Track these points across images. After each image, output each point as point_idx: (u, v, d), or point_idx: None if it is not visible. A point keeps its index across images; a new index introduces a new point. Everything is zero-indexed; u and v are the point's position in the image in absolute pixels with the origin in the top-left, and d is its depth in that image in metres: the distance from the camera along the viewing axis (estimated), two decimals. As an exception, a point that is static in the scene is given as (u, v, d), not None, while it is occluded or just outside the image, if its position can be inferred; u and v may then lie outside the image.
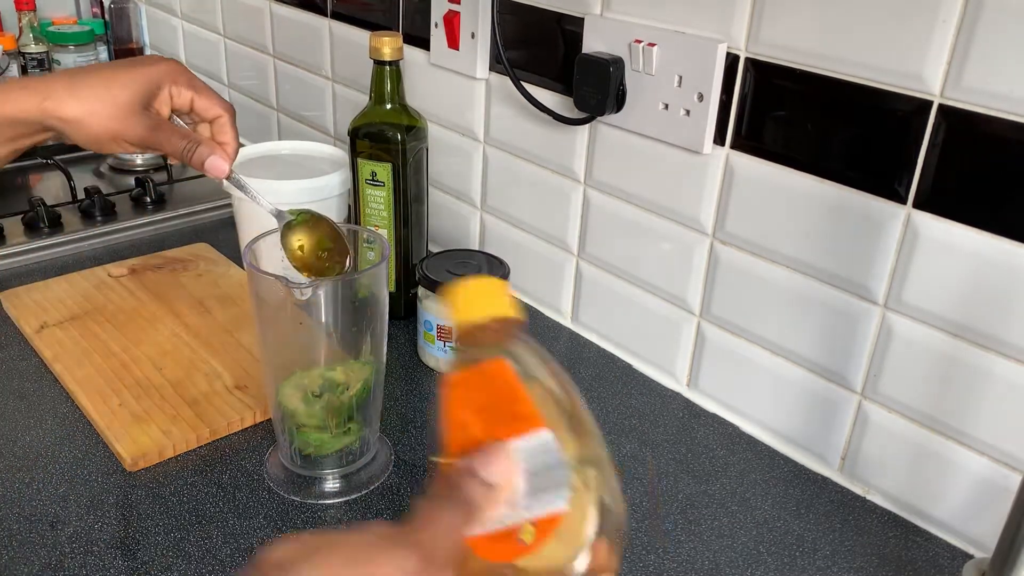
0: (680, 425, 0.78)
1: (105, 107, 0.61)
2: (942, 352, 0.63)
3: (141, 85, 0.62)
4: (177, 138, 0.64)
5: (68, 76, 0.62)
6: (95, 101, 0.61)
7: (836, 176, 0.66)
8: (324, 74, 1.19)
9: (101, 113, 0.61)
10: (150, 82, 0.63)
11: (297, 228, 0.66)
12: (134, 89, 0.62)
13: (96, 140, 0.62)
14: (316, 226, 0.66)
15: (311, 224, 0.66)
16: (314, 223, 0.66)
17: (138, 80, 0.62)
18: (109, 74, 0.62)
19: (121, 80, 0.62)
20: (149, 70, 0.63)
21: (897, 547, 0.65)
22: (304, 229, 0.66)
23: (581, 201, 0.87)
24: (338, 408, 0.67)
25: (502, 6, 0.87)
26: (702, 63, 0.71)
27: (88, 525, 0.63)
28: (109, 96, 0.61)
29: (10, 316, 0.89)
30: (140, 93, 0.62)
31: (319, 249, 0.66)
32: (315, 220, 0.66)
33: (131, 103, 0.62)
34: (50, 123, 0.61)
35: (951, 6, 0.56)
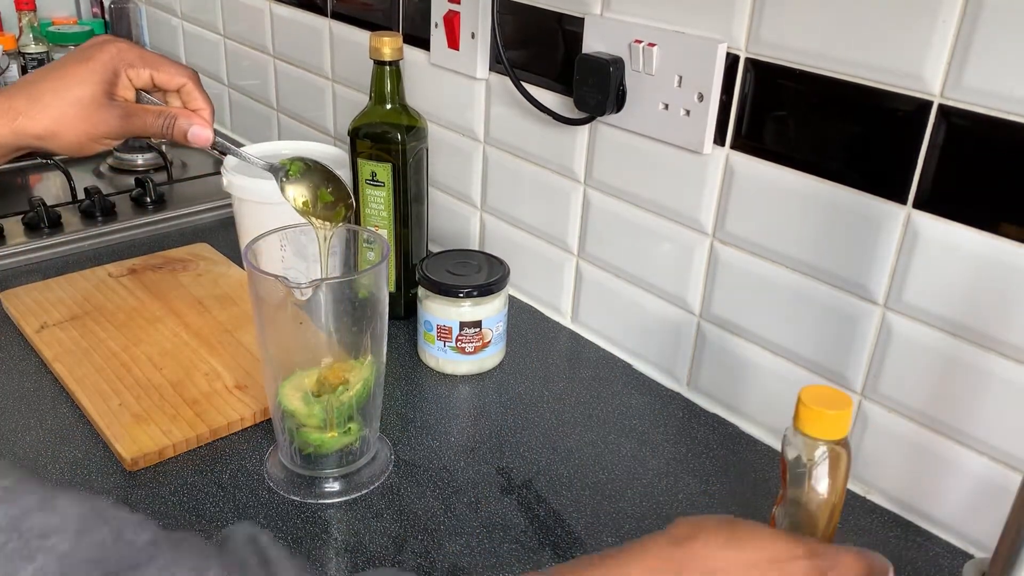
0: (680, 425, 0.78)
1: (72, 109, 0.60)
2: (942, 352, 0.63)
3: (98, 76, 0.61)
4: (152, 117, 0.63)
5: (25, 89, 0.61)
6: (60, 107, 0.60)
7: (836, 176, 0.66)
8: (324, 74, 1.19)
9: (70, 117, 0.60)
10: (105, 70, 0.61)
11: (295, 181, 0.68)
12: (93, 82, 0.61)
13: (74, 145, 0.61)
14: (311, 174, 0.68)
15: (306, 173, 0.68)
16: (308, 171, 0.68)
17: (94, 72, 0.61)
18: (62, 74, 0.61)
19: (76, 77, 0.60)
20: (100, 58, 0.62)
21: (897, 547, 0.65)
22: (301, 181, 0.68)
23: (581, 201, 0.87)
24: (338, 408, 0.67)
25: (502, 6, 0.87)
26: (702, 63, 0.71)
27: (88, 525, 0.63)
28: (72, 97, 0.60)
29: (10, 316, 0.89)
30: (100, 84, 0.61)
31: (320, 197, 0.68)
32: (308, 168, 0.68)
33: (95, 97, 0.61)
34: (24, 143, 0.60)
35: (951, 6, 0.56)
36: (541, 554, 0.63)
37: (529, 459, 0.73)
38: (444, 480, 0.70)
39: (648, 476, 0.71)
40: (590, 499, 0.68)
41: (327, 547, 0.63)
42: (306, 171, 0.68)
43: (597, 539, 0.64)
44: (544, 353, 0.89)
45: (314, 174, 0.68)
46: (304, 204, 0.68)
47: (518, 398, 0.81)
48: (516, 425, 0.77)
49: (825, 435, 0.54)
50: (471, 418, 0.78)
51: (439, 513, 0.66)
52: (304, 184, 0.68)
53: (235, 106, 1.45)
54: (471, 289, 0.80)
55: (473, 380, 0.84)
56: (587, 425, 0.77)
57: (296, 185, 0.68)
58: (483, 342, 0.83)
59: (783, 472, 0.57)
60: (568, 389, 0.83)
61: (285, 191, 0.68)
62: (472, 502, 0.67)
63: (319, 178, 0.68)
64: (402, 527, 0.65)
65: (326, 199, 0.68)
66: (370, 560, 0.61)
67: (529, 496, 0.68)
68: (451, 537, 0.64)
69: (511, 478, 0.70)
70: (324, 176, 0.68)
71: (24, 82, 0.62)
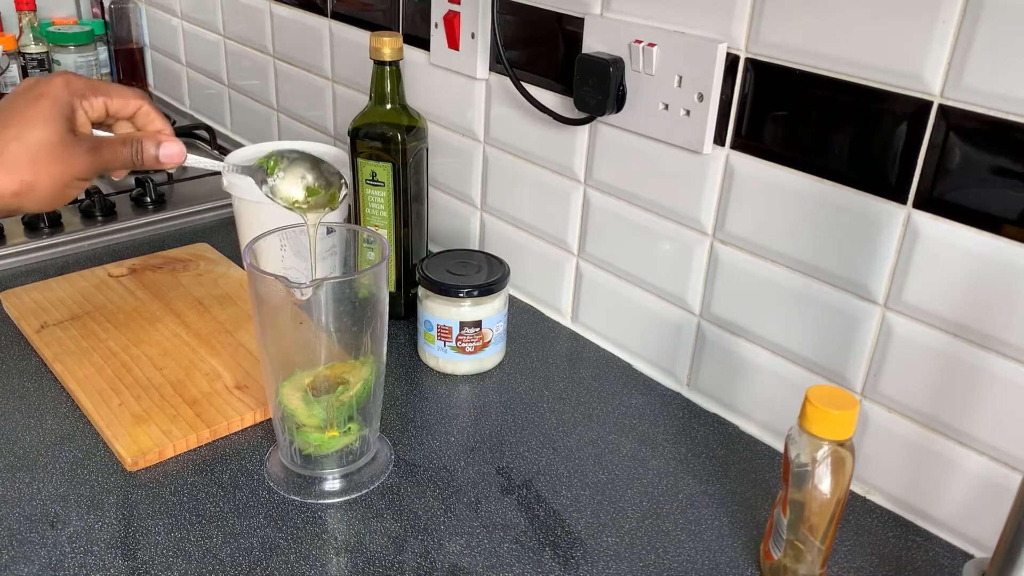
0: (680, 425, 0.78)
1: (42, 154, 0.55)
2: (942, 352, 0.63)
3: (57, 112, 0.56)
4: (119, 146, 0.58)
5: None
6: (30, 155, 0.54)
7: (836, 176, 0.66)
8: (324, 74, 1.19)
9: (43, 163, 0.55)
10: (61, 106, 0.56)
11: (279, 181, 0.64)
12: (54, 120, 0.56)
13: (51, 194, 0.56)
14: (293, 167, 0.64)
15: (288, 168, 0.64)
16: (290, 165, 0.64)
17: (51, 110, 0.56)
18: (18, 120, 0.55)
19: (36, 119, 0.55)
20: (51, 94, 0.56)
21: (897, 547, 0.65)
22: (285, 179, 0.64)
23: (581, 201, 0.87)
24: (338, 408, 0.67)
25: (502, 6, 0.87)
26: (702, 63, 0.71)
27: (88, 525, 0.63)
28: (39, 141, 0.55)
29: (10, 316, 0.89)
30: (61, 121, 0.56)
31: (309, 192, 0.65)
32: (288, 161, 0.64)
33: (61, 136, 0.56)
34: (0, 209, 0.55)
35: (951, 6, 0.56)
36: (541, 554, 0.63)
37: (529, 459, 0.73)
38: (444, 480, 0.70)
39: (648, 476, 0.71)
40: (590, 499, 0.68)
41: (327, 547, 0.63)
42: (288, 165, 0.64)
43: (597, 539, 0.64)
44: (544, 353, 0.89)
45: (296, 165, 0.64)
46: (295, 203, 0.65)
47: (518, 398, 0.81)
48: (516, 425, 0.77)
49: (830, 435, 0.54)
50: (471, 418, 0.78)
51: (439, 513, 0.66)
52: (288, 181, 0.64)
53: (235, 106, 1.45)
54: (471, 289, 0.80)
55: (473, 380, 0.84)
56: (587, 425, 0.77)
57: (282, 184, 0.64)
58: (483, 342, 0.83)
59: (785, 471, 0.57)
60: (568, 389, 0.83)
61: (274, 194, 0.64)
62: (472, 502, 0.68)
63: (303, 168, 0.64)
64: (402, 527, 0.65)
65: (315, 192, 0.64)
66: (370, 560, 0.61)
67: (529, 496, 0.68)
68: (451, 537, 0.64)
69: (511, 478, 0.70)
70: (307, 165, 0.64)
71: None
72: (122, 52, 1.64)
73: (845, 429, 0.54)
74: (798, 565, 0.59)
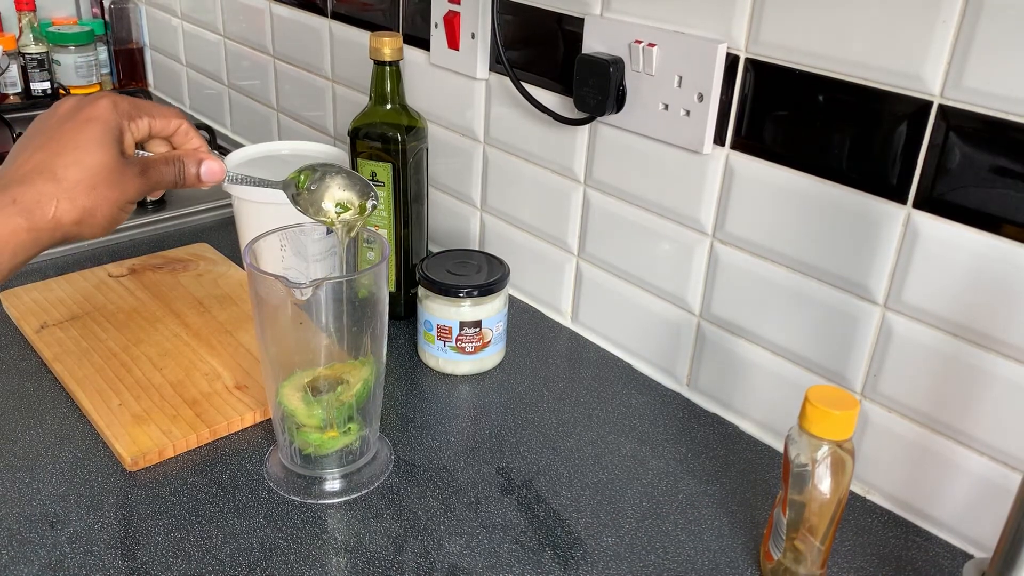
0: (680, 425, 0.78)
1: (100, 179, 0.53)
2: (942, 352, 0.63)
3: (110, 136, 0.55)
4: (164, 167, 0.58)
5: (39, 172, 0.52)
6: (90, 180, 0.53)
7: (836, 176, 0.66)
8: (324, 74, 1.19)
9: (102, 188, 0.53)
10: (112, 128, 0.55)
11: (311, 196, 0.64)
12: (108, 143, 0.54)
13: (108, 220, 0.55)
14: (323, 182, 0.65)
15: (319, 181, 0.65)
16: (321, 179, 0.65)
17: (105, 133, 0.54)
18: (72, 144, 0.53)
19: (92, 143, 0.54)
20: (102, 116, 0.55)
21: (897, 547, 0.65)
22: (316, 194, 0.64)
23: (581, 201, 0.87)
24: (338, 408, 0.67)
25: (502, 6, 0.87)
26: (702, 63, 0.71)
27: (88, 525, 0.63)
28: (96, 166, 0.53)
29: (10, 316, 0.89)
30: (114, 144, 0.55)
31: (341, 205, 0.65)
32: (321, 175, 0.65)
33: (116, 160, 0.54)
34: (58, 236, 0.53)
35: (951, 6, 0.56)
36: (541, 554, 0.63)
37: (529, 459, 0.73)
38: (444, 480, 0.70)
39: (648, 476, 0.71)
40: (590, 499, 0.68)
41: (327, 547, 0.63)
42: (319, 179, 0.64)
43: (597, 539, 0.64)
44: (544, 353, 0.89)
45: (327, 179, 0.65)
46: (327, 217, 0.65)
47: (518, 398, 0.81)
48: (516, 425, 0.77)
49: (830, 435, 0.54)
50: (471, 418, 0.78)
51: (439, 513, 0.66)
52: (320, 196, 0.64)
53: (235, 106, 1.45)
54: (471, 289, 0.80)
55: (473, 380, 0.84)
56: (587, 425, 0.77)
57: (313, 198, 0.64)
58: (483, 342, 0.83)
59: (785, 472, 0.57)
60: (568, 389, 0.83)
61: (305, 208, 0.64)
62: (472, 502, 0.67)
63: (334, 182, 0.65)
64: (402, 527, 0.65)
65: (346, 208, 0.64)
66: (370, 560, 0.61)
67: (529, 496, 0.68)
68: (451, 537, 0.64)
69: (511, 478, 0.70)
70: (339, 179, 0.64)
71: (27, 164, 0.53)
72: (122, 52, 1.65)
73: (845, 429, 0.54)
74: (798, 566, 0.59)
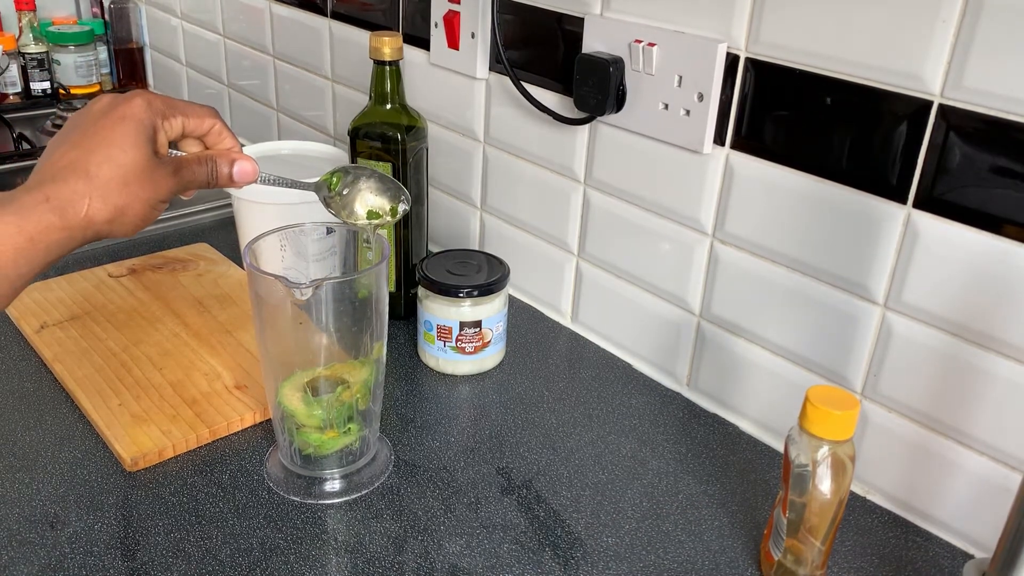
0: (680, 425, 0.78)
1: (133, 177, 0.53)
2: (942, 352, 0.63)
3: (143, 135, 0.54)
4: (196, 166, 0.58)
5: (72, 169, 0.52)
6: (123, 178, 0.53)
7: (836, 176, 0.66)
8: (324, 74, 1.19)
9: (134, 187, 0.53)
10: (146, 127, 0.55)
11: (344, 199, 0.65)
12: (141, 143, 0.54)
13: (139, 219, 0.54)
14: (355, 185, 0.65)
15: (352, 185, 0.65)
16: (353, 183, 0.65)
17: (138, 131, 0.54)
18: (105, 141, 0.53)
19: (125, 141, 0.53)
20: (135, 115, 0.55)
21: (897, 547, 0.65)
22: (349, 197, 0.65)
23: (581, 201, 0.87)
24: (338, 408, 0.67)
25: (502, 6, 0.87)
26: (702, 63, 0.71)
27: (88, 525, 0.63)
28: (130, 164, 0.53)
29: (10, 316, 0.89)
30: (147, 143, 0.54)
31: (370, 214, 0.66)
32: (354, 178, 0.65)
33: (149, 158, 0.54)
34: (90, 234, 0.53)
35: (951, 6, 0.56)
36: (541, 554, 0.63)
37: (529, 459, 0.73)
38: (444, 480, 0.70)
39: (648, 476, 0.71)
40: (590, 499, 0.68)
41: (327, 547, 0.63)
42: (352, 181, 0.64)
43: (597, 539, 0.64)
44: (544, 353, 0.89)
45: (359, 182, 0.65)
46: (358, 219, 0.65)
47: (518, 398, 0.81)
48: (516, 425, 0.77)
49: (831, 435, 0.54)
50: (471, 418, 0.78)
51: (439, 513, 0.66)
52: (352, 198, 0.65)
53: (235, 106, 1.45)
54: (471, 289, 0.80)
55: (473, 380, 0.84)
56: (587, 425, 0.77)
57: (345, 201, 0.64)
58: (483, 342, 0.83)
59: (785, 472, 0.57)
60: (568, 389, 0.83)
61: (337, 210, 0.65)
62: (472, 502, 0.67)
63: (366, 185, 0.65)
64: (402, 527, 0.65)
65: (375, 215, 0.64)
66: (370, 560, 0.61)
67: (529, 496, 0.68)
68: (451, 537, 0.64)
69: (511, 478, 0.70)
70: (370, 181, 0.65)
71: (61, 160, 0.53)
72: (122, 52, 1.64)
73: (845, 429, 0.54)
74: (798, 566, 0.59)
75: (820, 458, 0.55)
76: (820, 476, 0.55)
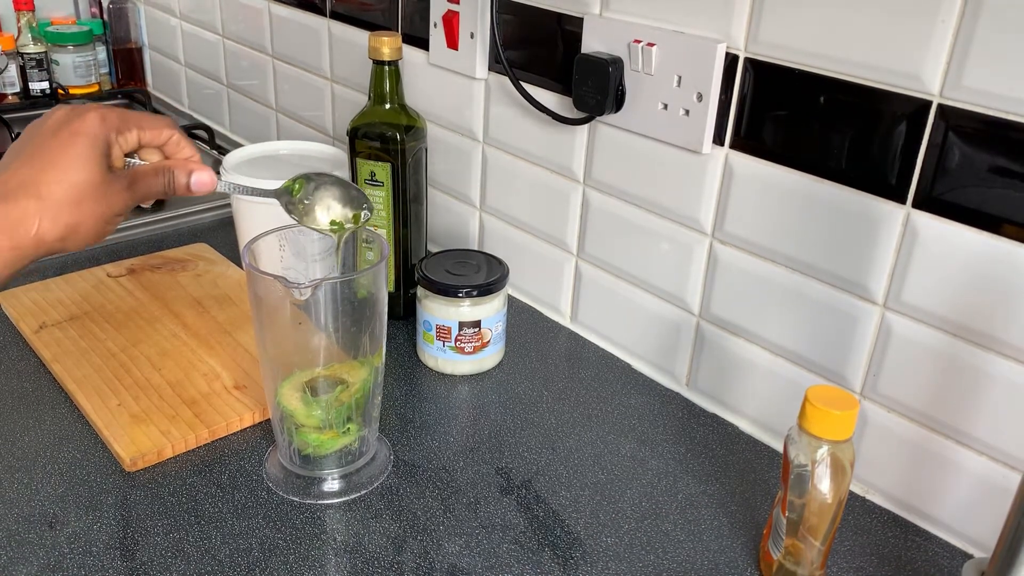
0: (680, 425, 0.78)
1: (85, 196, 0.53)
2: (942, 352, 0.63)
3: (96, 151, 0.54)
4: (152, 178, 0.58)
5: (22, 189, 0.52)
6: (74, 197, 0.53)
7: (836, 176, 0.66)
8: (323, 74, 1.19)
9: (87, 205, 0.53)
10: (99, 143, 0.55)
11: (305, 206, 0.64)
12: (94, 159, 0.54)
13: (92, 235, 0.55)
14: (319, 192, 0.65)
15: (315, 192, 0.65)
16: (317, 190, 0.65)
17: (91, 148, 0.54)
18: (57, 160, 0.53)
19: (77, 159, 0.53)
20: (88, 131, 0.54)
21: (897, 547, 0.65)
22: (311, 204, 0.65)
23: (580, 201, 0.87)
24: (337, 408, 0.67)
25: (501, 6, 0.87)
26: (701, 63, 0.71)
27: (87, 525, 0.63)
28: (81, 183, 0.53)
29: (9, 316, 0.89)
30: (100, 159, 0.54)
31: (334, 222, 0.65)
32: (315, 186, 0.65)
33: (102, 175, 0.54)
34: (42, 252, 0.53)
35: (951, 6, 0.56)
36: (540, 555, 0.63)
37: (529, 459, 0.73)
38: (443, 480, 0.70)
39: (648, 476, 0.71)
40: (590, 499, 0.68)
41: (326, 547, 0.63)
42: (313, 189, 0.64)
43: (596, 539, 0.64)
44: (544, 353, 0.88)
45: (321, 189, 0.65)
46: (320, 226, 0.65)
47: (517, 398, 0.81)
48: (516, 425, 0.77)
49: (830, 435, 0.54)
50: (470, 418, 0.78)
51: (438, 513, 0.66)
52: (314, 205, 0.64)
53: (234, 106, 1.44)
54: (470, 289, 0.80)
55: (472, 380, 0.84)
56: (587, 425, 0.77)
57: (307, 207, 0.64)
58: (482, 342, 0.83)
59: (784, 472, 0.57)
60: (568, 389, 0.83)
61: (299, 216, 0.65)
62: (471, 502, 0.67)
63: (327, 192, 0.65)
64: (401, 527, 0.65)
65: (338, 225, 0.64)
66: (369, 561, 0.61)
67: (529, 496, 0.68)
68: (450, 537, 0.64)
69: (510, 478, 0.70)
70: (332, 188, 0.65)
71: (13, 179, 0.53)
72: (121, 52, 1.64)
73: (845, 429, 0.54)
74: (797, 566, 0.59)
75: (819, 458, 0.55)
76: (819, 476, 0.55)
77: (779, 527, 0.58)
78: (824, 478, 0.55)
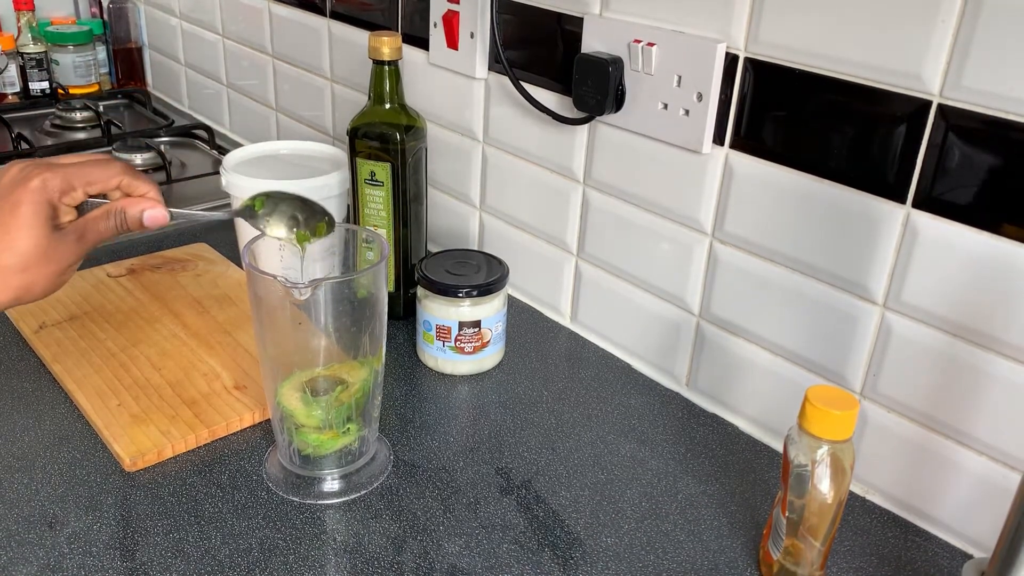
0: (680, 425, 0.78)
1: (32, 261, 0.55)
2: (942, 352, 0.63)
3: (40, 217, 0.56)
4: (102, 222, 0.59)
5: None
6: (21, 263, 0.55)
7: (836, 176, 0.66)
8: (323, 74, 1.19)
9: (34, 268, 0.55)
10: (40, 210, 0.56)
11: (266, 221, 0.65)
12: (37, 226, 0.55)
13: (46, 290, 0.57)
14: (281, 208, 0.65)
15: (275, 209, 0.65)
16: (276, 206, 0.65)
17: (34, 215, 0.55)
18: (2, 231, 0.55)
19: (19, 230, 0.55)
20: (29, 199, 0.55)
21: (896, 547, 0.65)
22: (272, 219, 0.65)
23: (580, 201, 0.87)
24: (337, 408, 0.67)
25: (501, 6, 0.87)
26: (701, 63, 0.71)
27: (87, 525, 0.63)
28: (26, 251, 0.55)
29: (9, 316, 0.89)
30: (44, 223, 0.56)
31: (299, 238, 0.66)
32: (275, 202, 0.65)
33: (48, 237, 0.56)
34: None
35: (951, 6, 0.56)
36: (540, 555, 0.63)
37: (528, 459, 0.73)
38: (443, 480, 0.70)
39: (648, 476, 0.71)
40: (590, 499, 0.68)
41: (326, 547, 0.63)
42: (274, 206, 0.65)
43: (597, 539, 0.64)
44: (543, 353, 0.88)
45: (281, 205, 0.65)
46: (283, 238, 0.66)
47: (517, 398, 0.81)
48: (515, 425, 0.77)
49: (830, 435, 0.54)
50: (470, 418, 0.78)
51: (438, 513, 0.66)
52: (276, 220, 0.65)
53: (234, 106, 1.44)
54: (470, 289, 0.80)
55: (472, 380, 0.84)
56: (587, 425, 0.77)
57: (269, 222, 0.65)
58: (482, 342, 0.83)
59: (784, 472, 0.57)
60: (568, 389, 0.83)
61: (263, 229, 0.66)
62: (471, 502, 0.67)
63: (288, 208, 0.66)
64: (401, 528, 0.65)
65: (303, 237, 0.65)
66: (369, 561, 0.61)
67: (528, 496, 0.68)
68: (450, 537, 0.64)
69: (510, 478, 0.70)
70: (292, 204, 0.65)
71: None
72: (121, 52, 1.64)
73: (845, 429, 0.54)
74: (797, 566, 0.59)
75: (819, 458, 0.55)
76: (819, 476, 0.55)
77: (779, 527, 0.58)
78: (824, 478, 0.55)
